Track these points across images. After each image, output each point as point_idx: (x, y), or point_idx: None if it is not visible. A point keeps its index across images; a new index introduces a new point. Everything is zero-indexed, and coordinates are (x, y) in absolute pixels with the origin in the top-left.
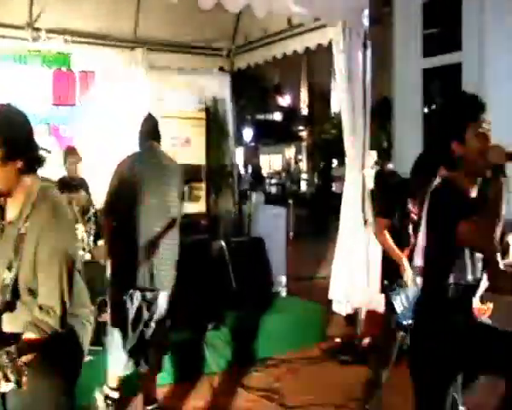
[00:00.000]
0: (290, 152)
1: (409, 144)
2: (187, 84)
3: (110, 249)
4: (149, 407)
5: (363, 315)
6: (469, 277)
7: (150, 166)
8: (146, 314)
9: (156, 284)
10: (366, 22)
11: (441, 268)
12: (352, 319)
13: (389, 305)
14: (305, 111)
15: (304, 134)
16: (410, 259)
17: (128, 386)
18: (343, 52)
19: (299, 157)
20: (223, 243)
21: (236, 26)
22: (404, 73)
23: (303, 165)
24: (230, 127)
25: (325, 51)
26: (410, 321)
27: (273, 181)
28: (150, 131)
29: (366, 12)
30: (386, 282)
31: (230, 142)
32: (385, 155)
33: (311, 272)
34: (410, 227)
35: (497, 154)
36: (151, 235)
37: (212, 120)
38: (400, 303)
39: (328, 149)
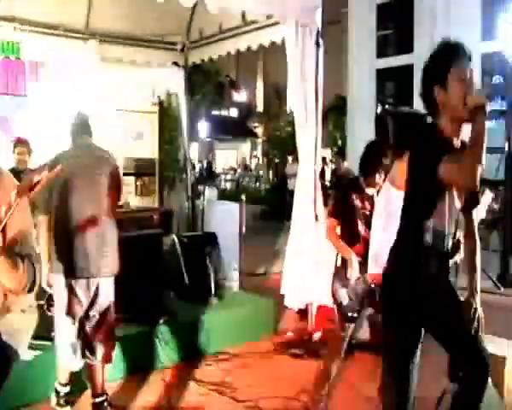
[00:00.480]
0: (245, 148)
1: (362, 143)
2: (140, 77)
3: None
4: (98, 400)
5: (314, 309)
6: (446, 225)
7: (83, 159)
8: (86, 303)
9: (93, 271)
10: (319, 21)
11: (420, 210)
12: (304, 313)
13: (336, 298)
14: (260, 107)
15: (259, 130)
16: (363, 255)
17: (79, 380)
18: (296, 50)
19: (255, 153)
20: (175, 238)
21: (191, 20)
22: (358, 73)
23: (258, 161)
24: (184, 122)
25: (281, 48)
26: (355, 314)
27: (228, 177)
28: (82, 126)
29: (320, 11)
30: (334, 271)
31: (184, 137)
32: (340, 153)
33: (264, 268)
34: (361, 223)
35: (478, 97)
36: (85, 223)
37: (166, 115)
38: (346, 296)
39: (282, 145)
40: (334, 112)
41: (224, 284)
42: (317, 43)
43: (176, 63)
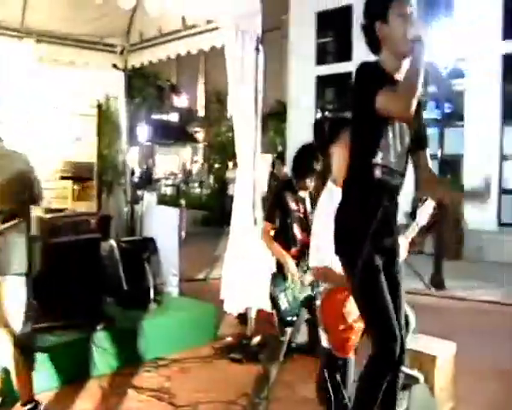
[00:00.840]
0: (186, 153)
1: (298, 138)
2: (78, 79)
3: None
4: (25, 408)
5: (253, 314)
6: (392, 159)
7: None
8: None
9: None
10: (259, 27)
11: (366, 145)
12: (243, 317)
13: (274, 302)
14: (201, 112)
15: (200, 135)
16: (298, 258)
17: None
18: (235, 56)
19: (196, 158)
20: (113, 243)
21: (131, 23)
22: (297, 79)
23: (202, 167)
24: (123, 126)
25: (222, 52)
26: (294, 318)
27: (168, 182)
28: None
29: (260, 17)
30: (271, 276)
31: (123, 141)
32: (280, 158)
33: (204, 273)
34: (295, 226)
35: (419, 28)
36: None
37: (105, 118)
38: (284, 300)
39: (223, 150)
40: (275, 117)
41: (163, 290)
42: (257, 49)
43: (115, 66)
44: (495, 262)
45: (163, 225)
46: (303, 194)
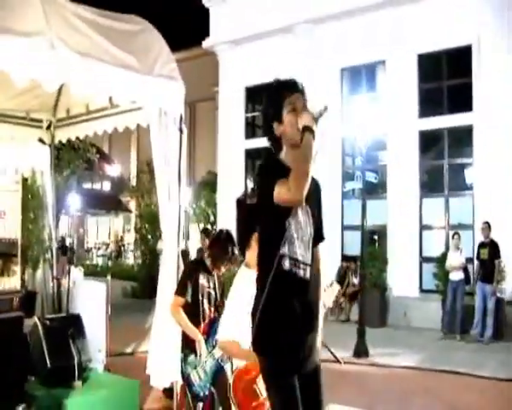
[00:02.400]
0: (119, 223)
1: (232, 220)
2: (3, 153)
3: None
4: None
5: (179, 388)
6: (298, 250)
7: None
8: None
9: None
10: (182, 108)
11: (273, 240)
12: (169, 392)
13: (186, 378)
14: (133, 182)
15: (132, 205)
16: (208, 333)
17: None
18: (159, 135)
19: (128, 228)
20: (37, 321)
21: (58, 99)
22: (227, 152)
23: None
24: (50, 200)
25: None
26: (206, 392)
27: (100, 252)
28: None
29: (182, 99)
30: (181, 355)
31: (49, 215)
32: (205, 231)
33: (133, 347)
34: (206, 302)
35: (305, 118)
36: None
37: (31, 193)
38: (196, 377)
39: (154, 221)
40: (208, 188)
41: (89, 366)
42: (180, 130)
43: (41, 140)
44: (417, 328)
45: (90, 300)
46: (213, 273)
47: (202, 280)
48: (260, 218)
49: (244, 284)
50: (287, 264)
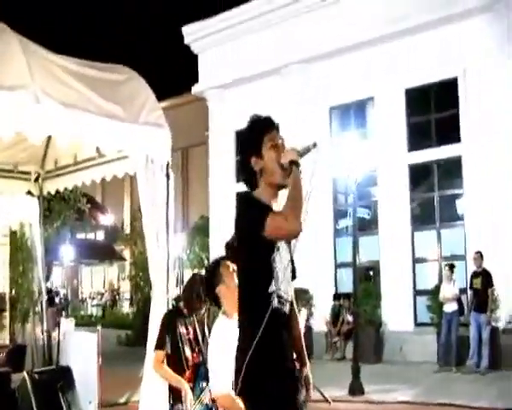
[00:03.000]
0: (113, 271)
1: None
2: None
3: None
4: None
5: None
6: (282, 287)
7: None
8: None
9: None
10: (169, 155)
11: (259, 275)
12: None
13: None
14: (127, 230)
15: (126, 253)
16: (193, 380)
17: None
18: (146, 182)
19: (123, 276)
20: (25, 375)
21: (46, 150)
22: (218, 196)
23: (125, 284)
24: (39, 252)
25: None
26: None
27: (94, 302)
28: None
29: (169, 146)
30: (169, 406)
31: (39, 267)
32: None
33: (126, 396)
34: (187, 349)
35: (291, 153)
36: None
37: (19, 246)
38: None
39: (148, 268)
40: (201, 232)
41: None
42: (167, 176)
43: (30, 192)
44: (413, 362)
45: (80, 351)
46: (192, 318)
47: (180, 328)
48: (243, 254)
49: (225, 335)
50: (275, 301)
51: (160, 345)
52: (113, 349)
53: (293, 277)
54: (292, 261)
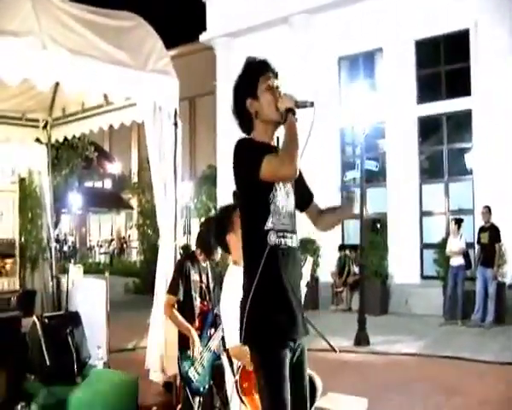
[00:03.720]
0: (121, 220)
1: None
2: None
3: None
4: None
5: (178, 382)
6: (284, 221)
7: None
8: None
9: None
10: (177, 103)
11: (256, 213)
12: (169, 386)
13: (183, 374)
14: (135, 179)
15: (134, 202)
16: (202, 327)
17: None
18: (154, 130)
19: (130, 225)
20: (35, 319)
21: (53, 98)
22: (225, 144)
23: (133, 233)
24: (48, 200)
25: None
26: (206, 386)
27: (102, 250)
28: None
29: (177, 93)
30: (178, 353)
31: (48, 214)
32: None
33: (134, 342)
34: (198, 297)
35: (288, 100)
36: None
37: (28, 193)
38: (195, 372)
39: (155, 217)
40: (208, 181)
41: (88, 363)
42: (175, 124)
43: (38, 140)
44: (418, 315)
45: (89, 298)
46: (205, 264)
47: (194, 276)
48: (242, 196)
49: (236, 284)
50: (272, 237)
51: (172, 290)
52: (121, 297)
53: (311, 199)
54: (305, 187)
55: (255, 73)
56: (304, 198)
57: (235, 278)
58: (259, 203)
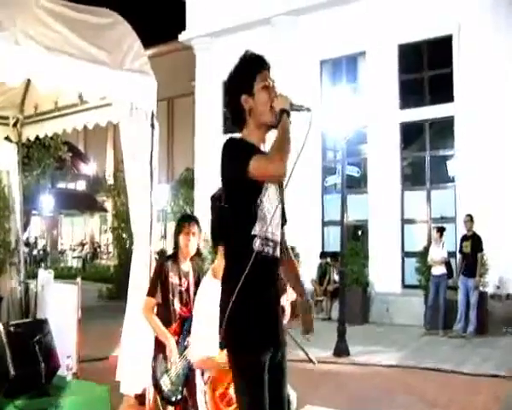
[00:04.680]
0: (95, 223)
1: (209, 214)
2: None
3: None
4: None
5: (151, 394)
6: (270, 229)
7: None
8: None
9: None
10: (154, 104)
11: (243, 217)
12: (142, 398)
13: (156, 382)
14: (110, 180)
15: (109, 204)
16: (179, 333)
17: None
18: (130, 132)
19: (105, 228)
20: (0, 328)
21: (25, 95)
22: (204, 147)
23: (107, 237)
24: (17, 201)
25: None
26: (179, 396)
27: (75, 254)
28: None
29: (154, 94)
30: (153, 361)
31: (17, 216)
32: None
33: (106, 351)
34: (177, 301)
35: (283, 101)
36: None
37: None
38: (168, 381)
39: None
40: (186, 185)
41: (57, 374)
42: (152, 125)
43: (8, 138)
44: (399, 324)
45: (60, 304)
46: (187, 267)
47: (173, 278)
48: (229, 198)
49: (210, 297)
50: (257, 243)
51: (151, 292)
52: (94, 303)
53: (283, 221)
54: (282, 203)
55: (253, 69)
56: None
57: (208, 290)
58: (246, 207)
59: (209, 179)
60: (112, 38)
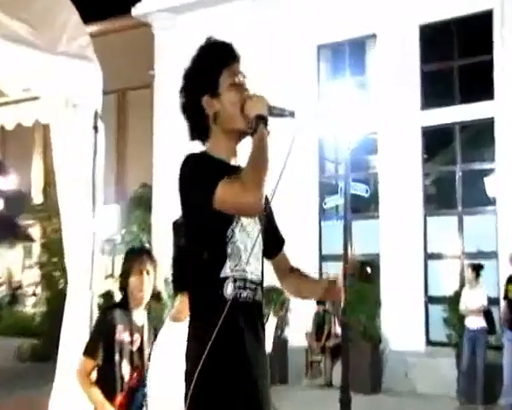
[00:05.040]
0: (15, 256)
1: (167, 237)
2: None
3: None
4: None
5: None
6: (247, 267)
7: None
8: None
9: None
10: (100, 101)
11: (210, 257)
12: None
13: None
14: (38, 198)
15: (36, 231)
16: (126, 406)
17: None
18: (64, 134)
19: (29, 263)
20: None
21: None
22: (167, 157)
23: (32, 274)
24: None
25: None
26: None
27: None
28: None
29: (100, 89)
30: None
31: None
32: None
33: None
34: (125, 363)
35: (259, 104)
36: None
37: None
38: None
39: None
40: (141, 205)
41: None
42: (95, 128)
43: None
44: (424, 394)
45: None
46: (140, 318)
47: (122, 333)
48: (190, 232)
49: (171, 347)
50: (230, 288)
51: (89, 351)
52: (11, 366)
53: (280, 246)
54: (275, 229)
55: (217, 63)
56: (271, 243)
57: (168, 336)
58: (213, 243)
59: (172, 199)
60: (40, 9)
